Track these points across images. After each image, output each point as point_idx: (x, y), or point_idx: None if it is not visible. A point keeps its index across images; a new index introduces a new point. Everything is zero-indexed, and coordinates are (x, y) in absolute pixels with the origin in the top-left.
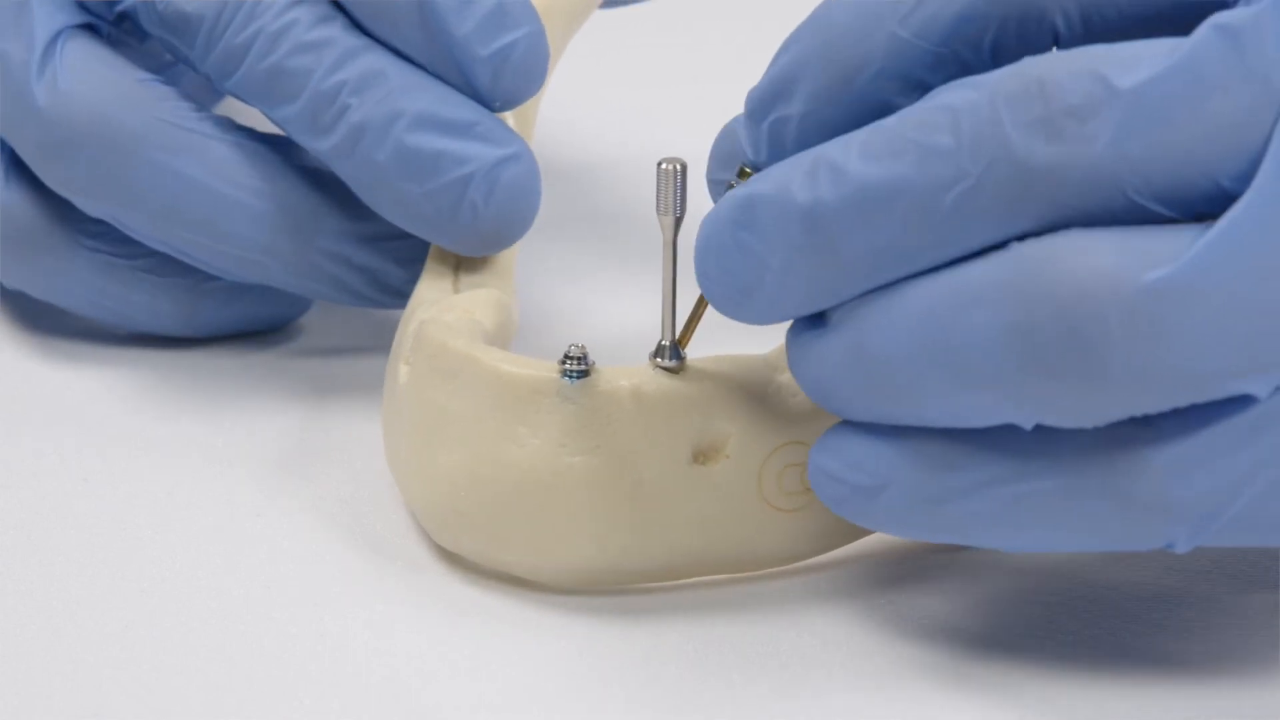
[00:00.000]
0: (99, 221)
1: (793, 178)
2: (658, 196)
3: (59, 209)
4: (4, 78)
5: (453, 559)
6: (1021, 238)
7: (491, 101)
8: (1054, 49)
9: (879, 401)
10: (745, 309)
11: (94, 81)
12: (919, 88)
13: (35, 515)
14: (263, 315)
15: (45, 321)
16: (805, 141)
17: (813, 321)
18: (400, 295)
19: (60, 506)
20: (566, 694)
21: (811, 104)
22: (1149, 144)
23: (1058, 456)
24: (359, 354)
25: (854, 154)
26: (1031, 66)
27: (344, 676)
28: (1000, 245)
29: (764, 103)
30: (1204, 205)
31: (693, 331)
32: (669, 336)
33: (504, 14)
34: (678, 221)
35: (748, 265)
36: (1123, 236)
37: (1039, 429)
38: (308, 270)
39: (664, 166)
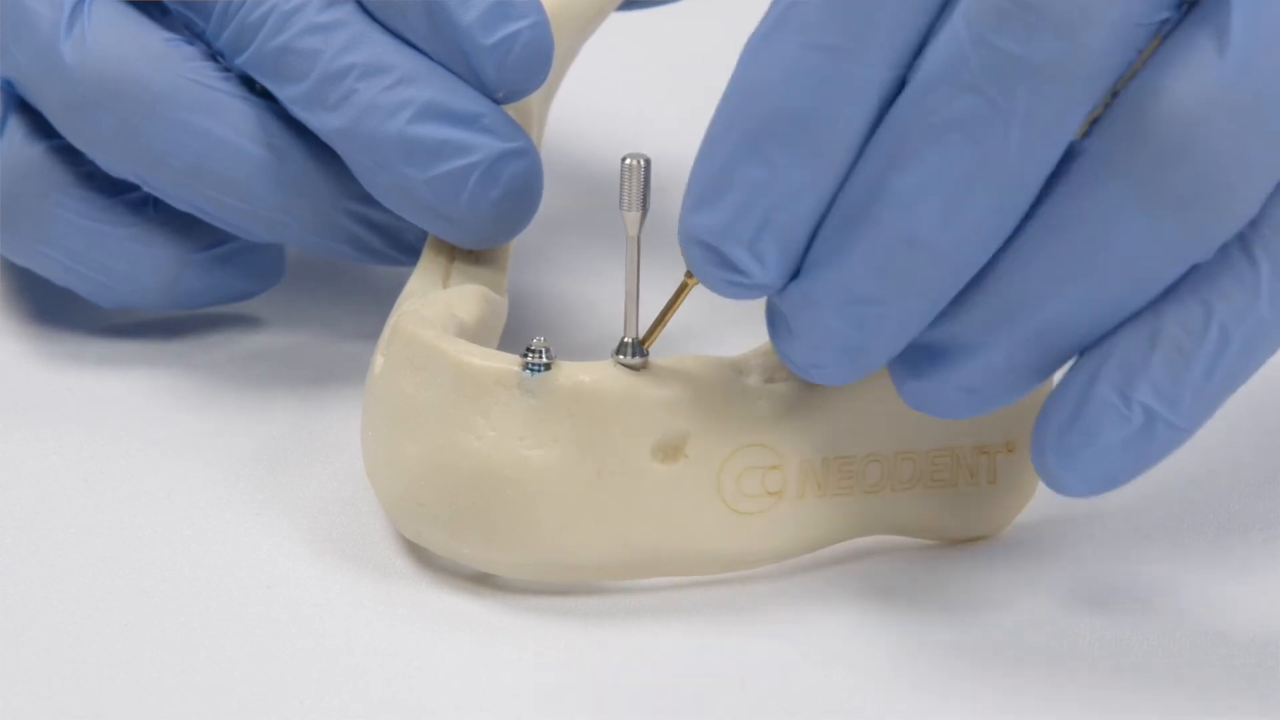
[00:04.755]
0: (82, 187)
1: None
2: (621, 192)
3: (42, 173)
4: (32, 36)
5: (454, 561)
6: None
7: (495, 92)
8: None
9: (1041, 364)
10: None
11: (121, 40)
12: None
13: (35, 515)
14: (239, 287)
15: (45, 321)
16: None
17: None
18: (418, 253)
19: (60, 506)
20: (566, 694)
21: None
22: None
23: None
24: (359, 353)
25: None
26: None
27: (344, 677)
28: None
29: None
30: None
31: (659, 332)
32: (632, 334)
33: (508, 5)
34: (642, 217)
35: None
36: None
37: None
38: (328, 229)
39: (628, 162)
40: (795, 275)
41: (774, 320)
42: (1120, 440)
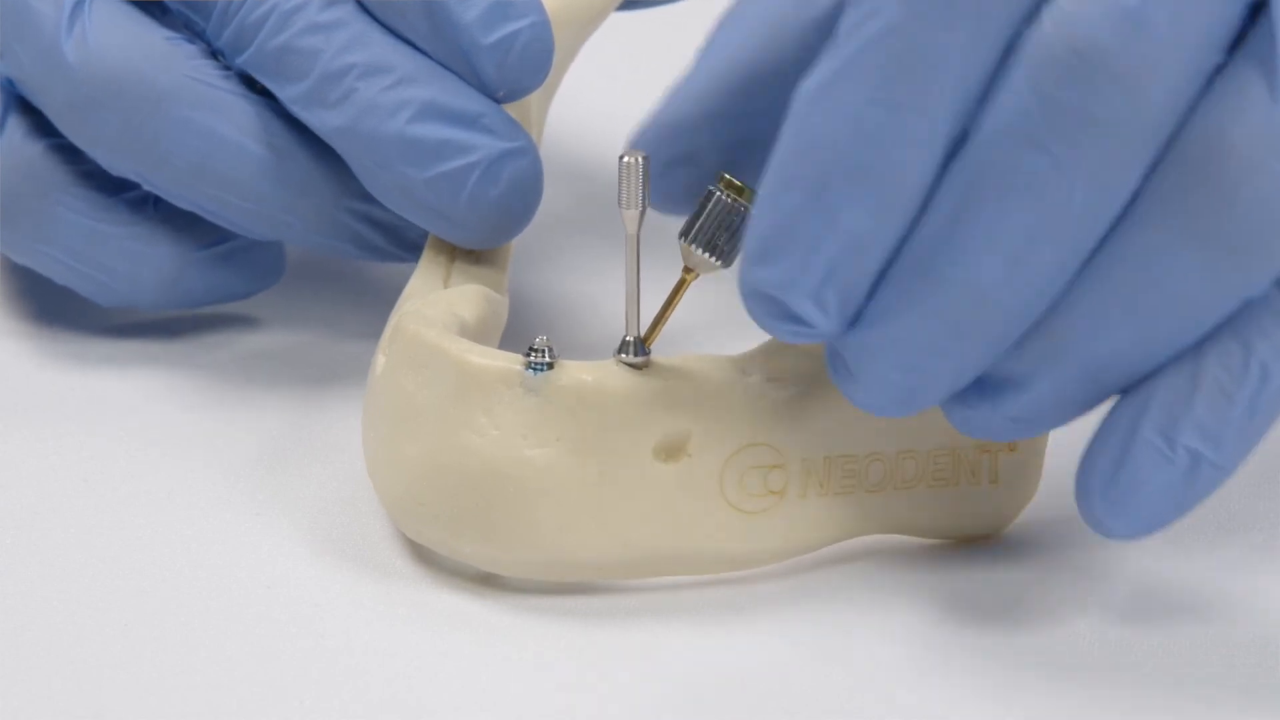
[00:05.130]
0: (82, 186)
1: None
2: (620, 190)
3: (42, 172)
4: (34, 34)
5: (455, 561)
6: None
7: (495, 91)
8: None
9: (1089, 398)
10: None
11: (123, 39)
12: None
13: (35, 515)
14: (240, 285)
15: (46, 321)
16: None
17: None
18: (420, 250)
19: (60, 506)
20: (566, 694)
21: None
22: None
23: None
24: (359, 353)
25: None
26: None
27: (344, 677)
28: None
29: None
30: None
31: (660, 329)
32: (633, 333)
33: (508, 4)
34: (641, 215)
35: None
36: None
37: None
38: (331, 227)
39: (626, 159)
40: (856, 320)
41: (833, 360)
42: (1166, 484)
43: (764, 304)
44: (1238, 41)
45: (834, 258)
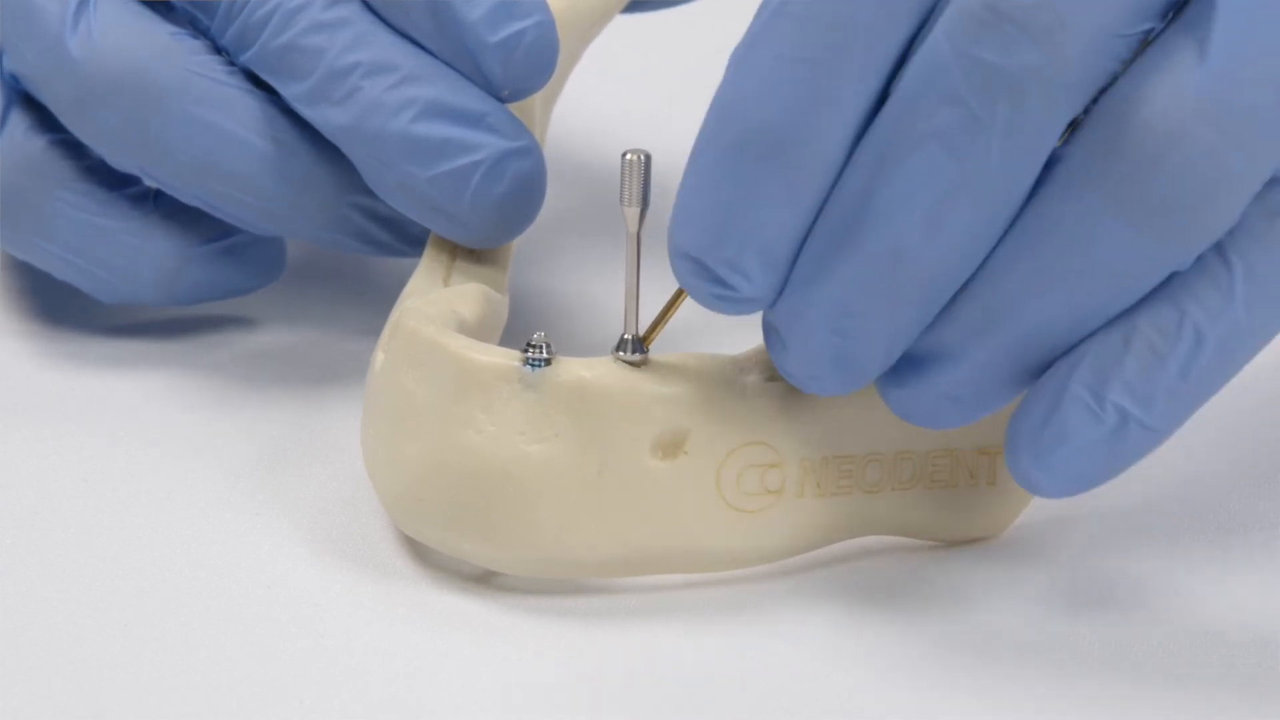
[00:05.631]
0: (82, 182)
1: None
2: (621, 188)
3: (42, 167)
4: (39, 31)
5: (454, 560)
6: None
7: (500, 90)
8: None
9: (1021, 371)
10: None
11: (128, 34)
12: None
13: (35, 515)
14: (239, 282)
15: (46, 321)
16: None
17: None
18: (423, 244)
19: (60, 506)
20: (566, 694)
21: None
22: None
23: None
24: (359, 352)
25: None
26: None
27: (344, 677)
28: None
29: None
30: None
31: (659, 330)
32: (632, 330)
33: (513, 3)
34: (642, 213)
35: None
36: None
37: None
38: (335, 223)
39: (628, 158)
40: (784, 289)
41: (768, 333)
42: (1093, 440)
43: (688, 265)
44: (1177, 14)
45: (751, 222)
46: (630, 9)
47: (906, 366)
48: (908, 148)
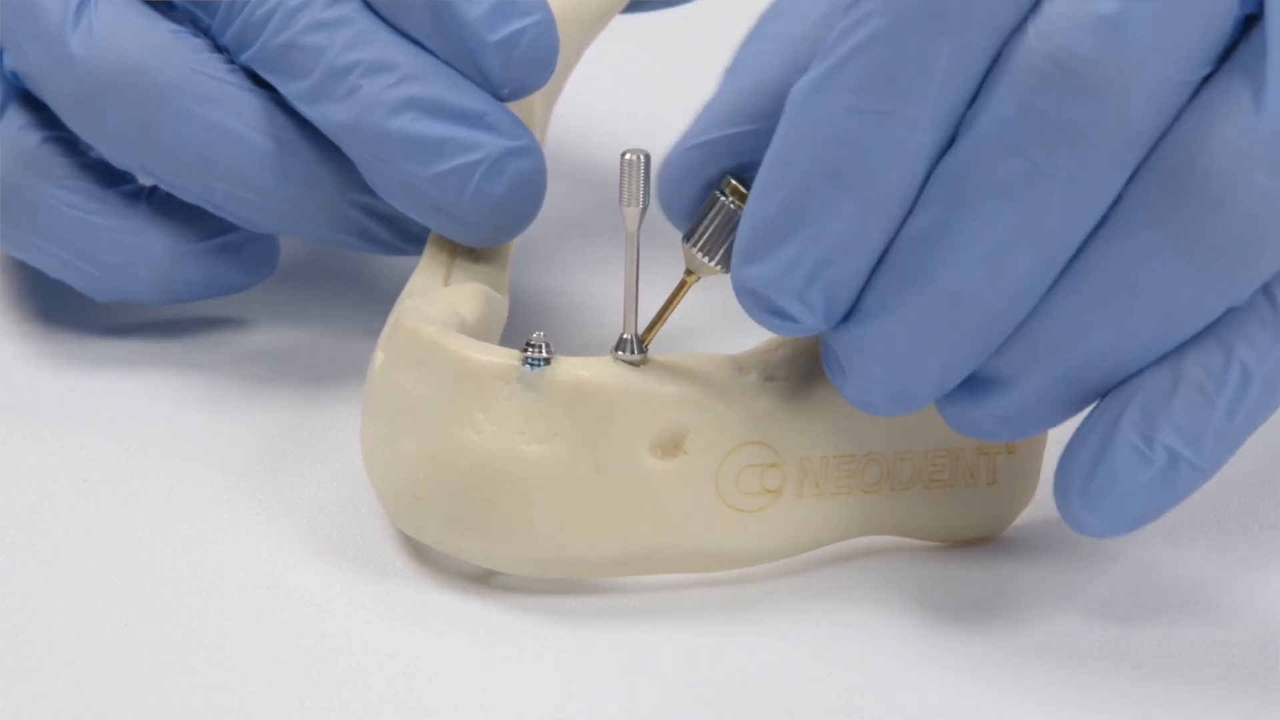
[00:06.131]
0: (77, 179)
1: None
2: (621, 188)
3: (37, 165)
4: (40, 29)
5: (454, 560)
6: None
7: (500, 89)
8: None
9: (1073, 400)
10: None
11: (129, 32)
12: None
13: (35, 515)
14: (234, 279)
15: (45, 321)
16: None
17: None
18: (424, 242)
19: (60, 506)
20: (566, 694)
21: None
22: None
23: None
24: (359, 352)
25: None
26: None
27: (344, 677)
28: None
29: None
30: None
31: (658, 328)
32: (631, 330)
33: (513, 2)
34: (642, 212)
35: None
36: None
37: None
38: (335, 220)
39: (628, 157)
40: (847, 317)
41: (828, 355)
42: (1143, 482)
43: (753, 300)
44: (1229, 53)
45: (817, 260)
46: (630, 9)
47: (962, 389)
48: (972, 196)
